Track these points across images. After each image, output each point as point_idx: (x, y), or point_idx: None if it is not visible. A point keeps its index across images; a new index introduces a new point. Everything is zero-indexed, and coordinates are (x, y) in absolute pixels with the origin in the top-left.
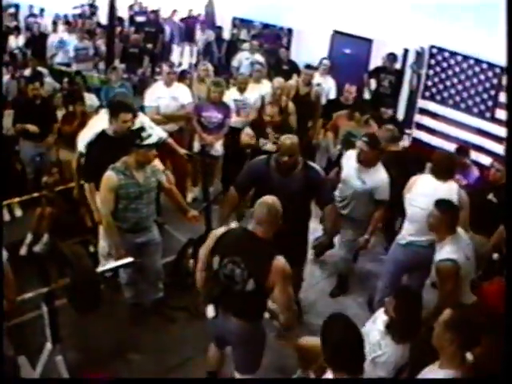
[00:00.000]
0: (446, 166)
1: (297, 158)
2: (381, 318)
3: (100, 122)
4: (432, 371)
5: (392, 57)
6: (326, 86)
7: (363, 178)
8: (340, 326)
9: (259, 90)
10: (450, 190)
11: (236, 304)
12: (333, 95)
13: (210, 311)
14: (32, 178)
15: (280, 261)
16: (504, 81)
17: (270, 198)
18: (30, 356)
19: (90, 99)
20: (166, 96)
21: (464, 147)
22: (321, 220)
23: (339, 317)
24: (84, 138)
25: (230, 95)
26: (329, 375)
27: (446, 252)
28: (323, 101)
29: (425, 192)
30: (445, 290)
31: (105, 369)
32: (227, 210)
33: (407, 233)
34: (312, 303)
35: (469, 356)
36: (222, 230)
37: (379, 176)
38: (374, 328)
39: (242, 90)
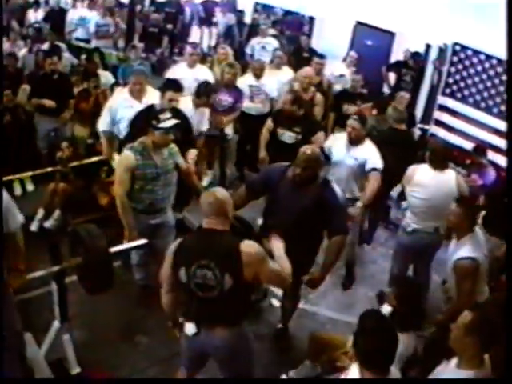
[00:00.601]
0: (442, 156)
1: (314, 172)
2: (385, 309)
3: (114, 100)
4: (449, 371)
5: (414, 53)
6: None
7: (355, 155)
8: (377, 325)
9: (278, 77)
10: (449, 179)
11: (218, 311)
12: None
13: (190, 328)
14: (46, 153)
15: (247, 244)
16: None
17: (216, 192)
18: (36, 333)
19: (105, 76)
20: (188, 77)
21: (481, 146)
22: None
23: (375, 316)
24: (101, 118)
25: (246, 80)
26: (345, 374)
27: (466, 250)
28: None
29: (424, 182)
30: (464, 288)
31: (111, 350)
32: (236, 206)
33: (411, 221)
34: (322, 295)
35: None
36: (175, 243)
37: (368, 149)
38: None
39: (258, 76)
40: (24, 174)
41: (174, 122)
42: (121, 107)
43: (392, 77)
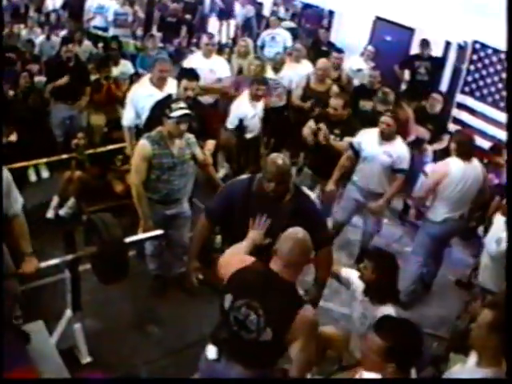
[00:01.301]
0: (470, 146)
1: (288, 184)
2: (358, 289)
3: (133, 92)
4: (469, 370)
5: (424, 42)
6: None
7: (389, 152)
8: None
9: (296, 70)
10: (475, 168)
11: (245, 353)
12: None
13: (212, 353)
14: (62, 140)
15: (308, 312)
16: None
17: (299, 232)
18: (48, 321)
19: (125, 65)
20: (203, 67)
21: (498, 146)
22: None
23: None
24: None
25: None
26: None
27: None
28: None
29: (460, 176)
30: None
31: (123, 340)
32: (197, 243)
33: (443, 211)
34: (336, 290)
35: None
36: (240, 262)
37: (402, 147)
38: (356, 304)
39: (277, 69)
40: (39, 161)
41: (184, 111)
42: (141, 98)
43: (406, 73)
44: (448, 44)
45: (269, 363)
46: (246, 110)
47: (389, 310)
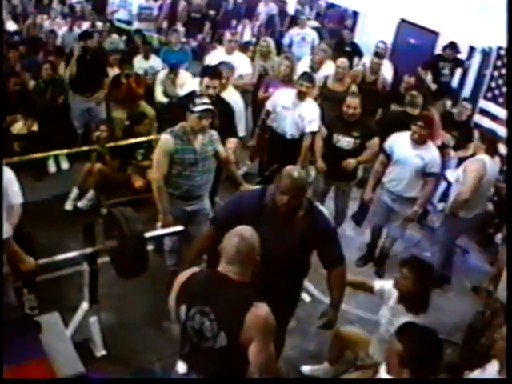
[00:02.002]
0: (496, 143)
1: (302, 198)
2: (392, 296)
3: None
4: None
5: (452, 45)
6: (383, 69)
7: (421, 155)
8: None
9: (325, 71)
10: (496, 164)
11: (209, 363)
12: (389, 78)
13: (181, 367)
14: (81, 132)
15: (260, 309)
16: None
17: (242, 229)
18: (64, 313)
19: (155, 60)
20: None
21: None
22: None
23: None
24: None
25: (300, 69)
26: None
27: None
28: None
29: (491, 172)
30: None
31: (138, 334)
32: (196, 251)
33: (476, 208)
34: (352, 293)
35: None
36: (186, 273)
37: (433, 150)
38: (385, 308)
39: (314, 69)
40: (59, 152)
41: (207, 107)
42: None
43: (429, 76)
44: (472, 49)
45: (234, 371)
46: (277, 101)
47: (415, 318)
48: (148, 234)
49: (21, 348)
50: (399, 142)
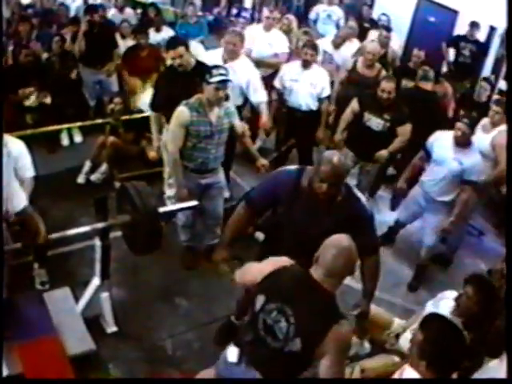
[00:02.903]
0: None
1: (340, 187)
2: (445, 302)
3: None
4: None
5: (473, 24)
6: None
7: (460, 159)
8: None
9: (349, 49)
10: None
11: (267, 361)
12: (398, 51)
13: (233, 355)
14: (94, 105)
15: (344, 327)
16: None
17: (344, 240)
18: (75, 288)
19: (168, 32)
20: (262, 41)
21: None
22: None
23: (441, 321)
24: None
25: (321, 45)
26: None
27: None
28: None
29: None
30: None
31: (150, 311)
32: (231, 232)
33: None
34: None
35: None
36: (275, 263)
37: (475, 156)
38: (437, 312)
39: (336, 45)
40: (72, 125)
41: (223, 77)
42: None
43: (451, 53)
44: (492, 29)
45: (290, 375)
46: (284, 76)
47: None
48: (162, 209)
49: (30, 324)
50: (441, 141)
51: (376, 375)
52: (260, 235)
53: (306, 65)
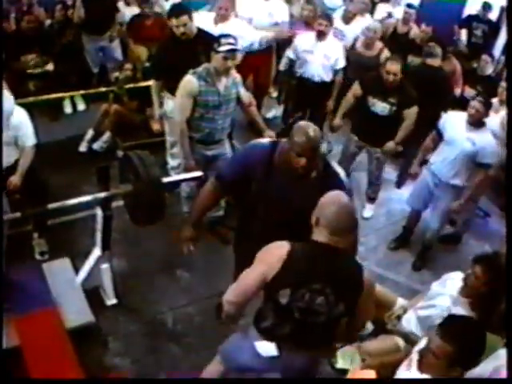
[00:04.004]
0: None
1: (317, 159)
2: (451, 283)
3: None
4: None
5: (486, 5)
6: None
7: (473, 139)
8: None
9: (360, 25)
10: None
11: (315, 336)
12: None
13: (271, 350)
14: (97, 73)
15: (368, 276)
16: None
17: (340, 195)
18: (75, 258)
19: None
20: (262, 10)
21: None
22: None
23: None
24: None
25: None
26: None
27: None
28: None
29: None
30: None
31: (150, 283)
32: (200, 210)
33: None
34: (372, 249)
35: None
36: (283, 249)
37: (488, 138)
38: (444, 292)
39: (347, 20)
40: (75, 92)
41: (232, 47)
42: None
43: (464, 33)
44: (503, 10)
45: (332, 340)
46: (298, 46)
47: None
48: (166, 179)
49: (28, 296)
50: (453, 121)
51: (380, 363)
52: None
53: (320, 36)
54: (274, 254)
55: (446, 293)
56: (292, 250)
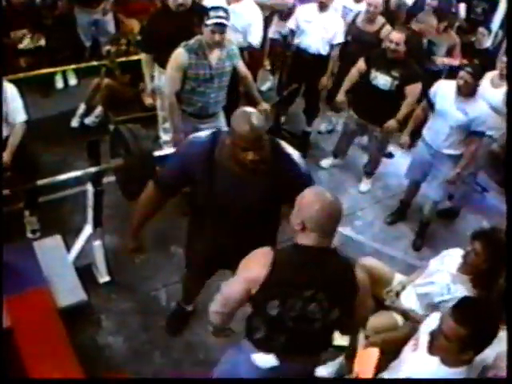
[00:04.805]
0: None
1: (266, 149)
2: (450, 259)
3: None
4: None
5: None
6: None
7: (465, 109)
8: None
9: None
10: None
11: (313, 342)
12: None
13: (269, 361)
14: (89, 46)
15: (359, 266)
16: None
17: (320, 191)
18: (66, 236)
19: None
20: None
21: None
22: None
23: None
24: None
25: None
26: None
27: None
28: None
29: None
30: None
31: (143, 259)
32: (141, 217)
33: None
34: (369, 224)
35: None
36: (266, 258)
37: (480, 106)
38: (443, 269)
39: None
40: (67, 67)
41: (220, 20)
42: None
43: (463, 10)
44: None
45: (327, 344)
46: (299, 17)
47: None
48: (157, 153)
49: (19, 276)
50: (443, 91)
51: (382, 340)
52: None
53: (322, 7)
54: (256, 264)
55: (445, 270)
56: (276, 258)
